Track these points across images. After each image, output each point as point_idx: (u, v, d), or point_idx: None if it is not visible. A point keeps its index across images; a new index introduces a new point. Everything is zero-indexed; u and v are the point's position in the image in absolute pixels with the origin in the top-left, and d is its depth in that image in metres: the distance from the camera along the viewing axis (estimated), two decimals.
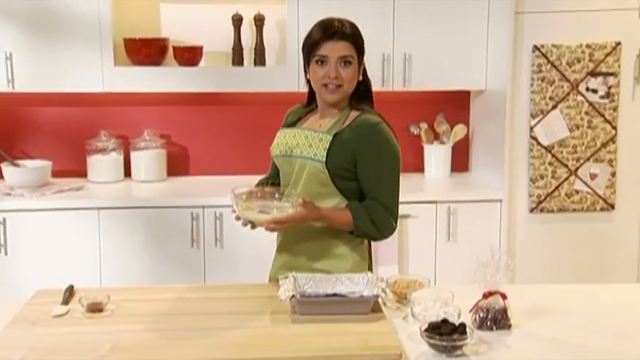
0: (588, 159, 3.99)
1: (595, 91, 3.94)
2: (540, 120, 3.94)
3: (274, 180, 2.65)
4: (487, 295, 2.20)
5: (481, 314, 2.19)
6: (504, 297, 2.20)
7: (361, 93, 2.52)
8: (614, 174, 4.01)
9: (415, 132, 4.34)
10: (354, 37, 2.43)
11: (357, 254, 2.51)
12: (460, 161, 4.41)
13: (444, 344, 2.01)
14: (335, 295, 2.27)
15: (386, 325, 2.15)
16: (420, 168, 4.38)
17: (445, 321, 2.07)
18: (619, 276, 4.00)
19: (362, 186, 2.45)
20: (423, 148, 4.35)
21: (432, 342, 2.02)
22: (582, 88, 3.93)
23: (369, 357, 1.97)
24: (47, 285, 2.55)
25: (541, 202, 4.00)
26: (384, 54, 3.97)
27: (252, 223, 2.36)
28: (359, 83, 2.49)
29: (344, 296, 2.26)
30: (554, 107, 3.93)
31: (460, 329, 2.04)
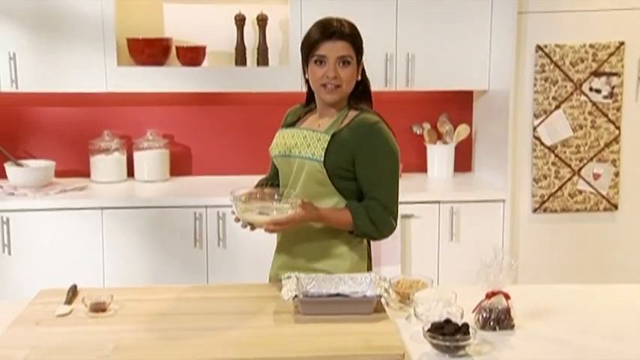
0: (591, 159, 3.98)
1: (598, 91, 3.93)
2: (543, 120, 3.94)
3: (274, 180, 2.65)
4: (490, 296, 2.20)
5: (484, 314, 2.19)
6: (507, 297, 2.20)
7: (360, 93, 2.51)
8: (617, 174, 4.01)
9: (418, 132, 4.33)
10: (353, 37, 2.42)
11: (356, 254, 2.51)
12: (463, 161, 4.41)
13: (447, 344, 2.01)
14: (338, 295, 2.26)
15: (389, 325, 2.15)
16: (423, 168, 4.37)
17: (448, 321, 2.07)
18: (622, 276, 3.98)
19: (361, 186, 2.45)
20: (426, 148, 4.34)
21: (435, 342, 2.02)
22: (585, 88, 3.93)
23: (372, 357, 1.96)
24: (50, 285, 2.55)
25: (544, 202, 3.99)
26: (387, 54, 3.97)
27: (251, 225, 2.36)
28: (358, 83, 2.49)
29: (347, 296, 2.26)
30: (557, 107, 3.93)
31: (463, 329, 2.04)
